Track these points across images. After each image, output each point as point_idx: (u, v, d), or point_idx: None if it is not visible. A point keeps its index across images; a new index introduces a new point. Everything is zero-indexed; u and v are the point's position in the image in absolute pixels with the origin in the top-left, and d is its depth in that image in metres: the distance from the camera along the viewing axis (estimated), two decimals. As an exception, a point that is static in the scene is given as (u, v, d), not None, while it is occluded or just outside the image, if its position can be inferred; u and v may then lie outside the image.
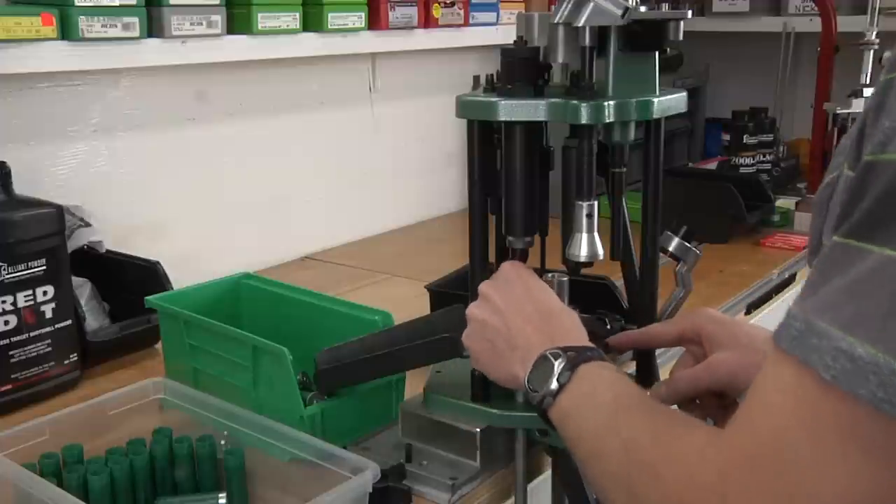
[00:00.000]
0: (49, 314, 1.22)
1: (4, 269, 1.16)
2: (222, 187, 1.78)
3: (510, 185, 0.97)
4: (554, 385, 0.80)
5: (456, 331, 0.98)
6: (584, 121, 0.90)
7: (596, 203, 0.94)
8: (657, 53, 0.96)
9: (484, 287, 0.94)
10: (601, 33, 0.91)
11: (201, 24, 1.53)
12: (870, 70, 2.08)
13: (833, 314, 0.54)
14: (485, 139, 0.97)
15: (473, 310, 0.93)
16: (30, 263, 1.19)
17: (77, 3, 1.35)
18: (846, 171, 0.59)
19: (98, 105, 1.56)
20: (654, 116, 0.94)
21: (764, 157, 2.38)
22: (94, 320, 1.37)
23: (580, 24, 0.89)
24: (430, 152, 2.26)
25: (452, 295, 1.33)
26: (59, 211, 1.24)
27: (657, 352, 1.07)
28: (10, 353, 1.18)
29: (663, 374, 1.07)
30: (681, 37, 0.94)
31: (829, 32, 2.17)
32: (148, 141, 1.64)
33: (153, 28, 1.48)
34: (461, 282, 1.05)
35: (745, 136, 2.36)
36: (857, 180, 0.56)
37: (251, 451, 1.00)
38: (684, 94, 0.98)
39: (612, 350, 1.01)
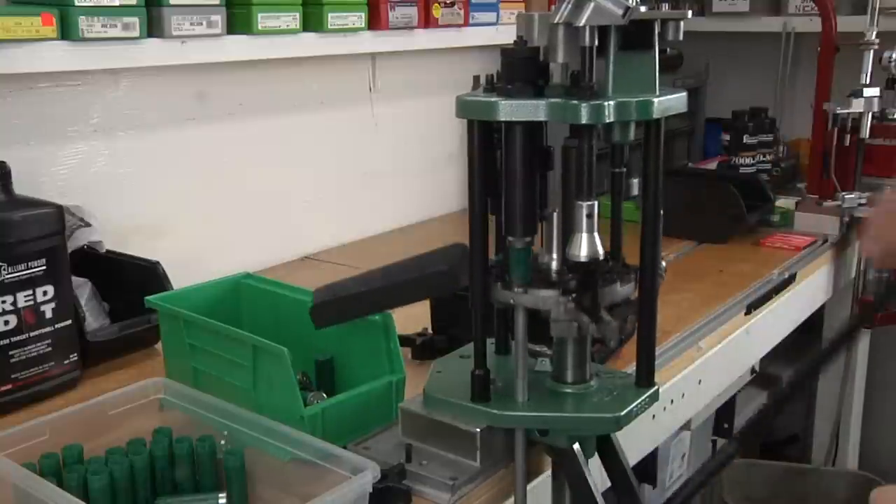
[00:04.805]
0: (49, 314, 1.22)
1: (4, 269, 1.16)
2: (222, 187, 1.78)
3: (510, 185, 0.97)
4: None
5: (453, 265, 0.96)
6: (584, 121, 0.90)
7: (596, 203, 0.94)
8: (657, 53, 0.96)
9: None
10: (601, 33, 0.91)
11: (201, 24, 1.53)
12: (870, 70, 2.08)
13: None
14: (485, 139, 0.97)
15: None
16: (30, 263, 1.19)
17: (77, 3, 1.35)
18: None
19: (98, 105, 1.56)
20: (655, 116, 0.94)
21: (764, 157, 2.38)
22: (94, 320, 1.37)
23: (580, 24, 0.89)
24: (430, 152, 2.26)
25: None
26: (59, 211, 1.24)
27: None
28: (10, 353, 1.18)
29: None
30: (680, 37, 0.94)
31: (829, 32, 2.17)
32: (148, 141, 1.64)
33: (153, 28, 1.47)
34: (461, 282, 1.05)
35: (745, 136, 2.36)
36: None
37: (251, 451, 1.00)
38: (684, 94, 0.98)
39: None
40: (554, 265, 0.99)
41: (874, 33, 2.08)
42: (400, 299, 1.04)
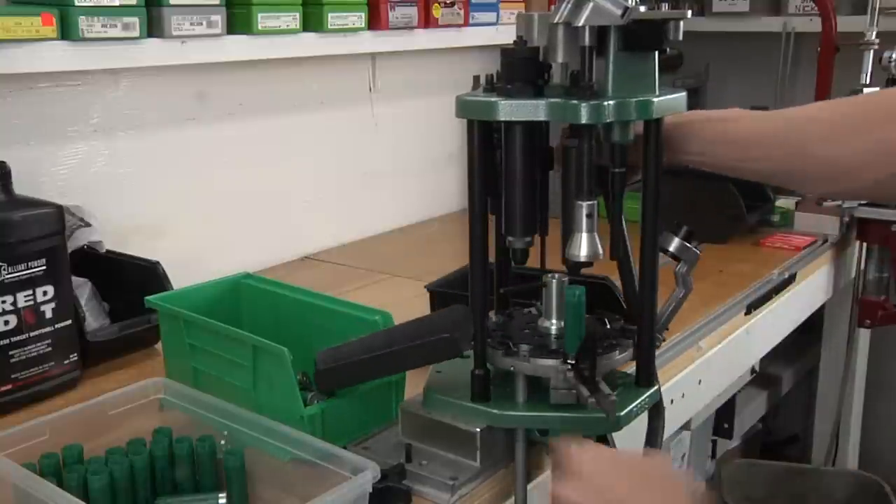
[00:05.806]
0: (49, 314, 1.22)
1: (4, 269, 1.16)
2: (222, 187, 1.78)
3: (510, 185, 0.97)
4: None
5: (455, 331, 0.97)
6: (583, 120, 0.90)
7: (596, 203, 0.94)
8: (657, 53, 0.96)
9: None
10: (601, 33, 0.91)
11: (201, 24, 1.53)
12: (870, 70, 2.08)
13: None
14: (485, 139, 0.97)
15: None
16: (30, 263, 1.19)
17: (77, 3, 1.35)
18: None
19: (98, 105, 1.56)
20: (654, 116, 0.94)
21: (764, 157, 2.38)
22: (94, 320, 1.37)
23: (580, 24, 0.89)
24: (430, 152, 2.26)
25: (452, 295, 1.33)
26: (59, 211, 1.24)
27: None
28: (10, 353, 1.18)
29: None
30: (680, 37, 0.94)
31: (829, 32, 2.17)
32: (148, 141, 1.64)
33: (153, 28, 1.47)
34: (461, 282, 1.05)
35: (745, 136, 2.36)
36: None
37: (251, 451, 1.00)
38: (684, 94, 0.98)
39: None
40: (554, 331, 1.01)
41: (874, 33, 2.08)
42: (403, 365, 1.05)
